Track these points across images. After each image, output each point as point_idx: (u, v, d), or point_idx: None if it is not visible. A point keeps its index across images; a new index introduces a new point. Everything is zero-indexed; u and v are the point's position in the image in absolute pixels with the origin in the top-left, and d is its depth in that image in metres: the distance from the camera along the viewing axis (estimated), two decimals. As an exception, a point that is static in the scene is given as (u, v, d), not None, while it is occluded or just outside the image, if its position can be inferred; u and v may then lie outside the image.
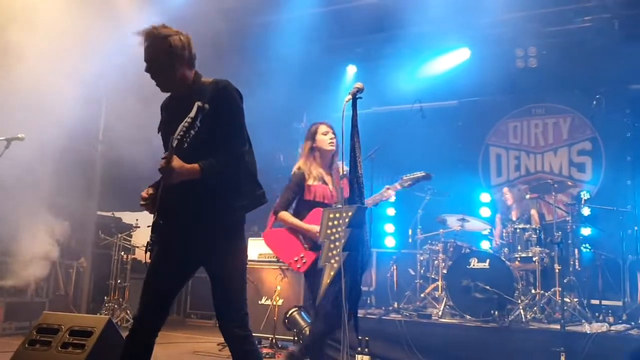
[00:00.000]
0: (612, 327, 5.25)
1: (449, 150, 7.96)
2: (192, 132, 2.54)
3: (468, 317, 5.63)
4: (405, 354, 5.32)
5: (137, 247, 8.42)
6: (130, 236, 8.18)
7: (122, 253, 7.94)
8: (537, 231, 6.04)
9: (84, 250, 7.21)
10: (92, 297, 8.00)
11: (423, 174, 4.60)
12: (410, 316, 5.86)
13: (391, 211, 8.42)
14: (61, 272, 7.28)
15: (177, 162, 2.60)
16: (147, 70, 2.82)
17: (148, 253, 2.81)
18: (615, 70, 7.01)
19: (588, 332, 4.98)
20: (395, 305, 6.37)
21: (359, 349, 5.43)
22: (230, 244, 2.81)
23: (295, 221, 4.04)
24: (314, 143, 4.21)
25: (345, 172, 3.73)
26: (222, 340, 6.54)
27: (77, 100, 6.51)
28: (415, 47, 7.98)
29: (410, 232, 7.08)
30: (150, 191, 2.85)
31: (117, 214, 8.48)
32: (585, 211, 6.46)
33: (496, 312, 5.46)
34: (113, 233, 7.97)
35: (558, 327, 4.90)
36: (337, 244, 3.25)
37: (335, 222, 3.31)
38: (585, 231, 6.44)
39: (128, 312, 7.57)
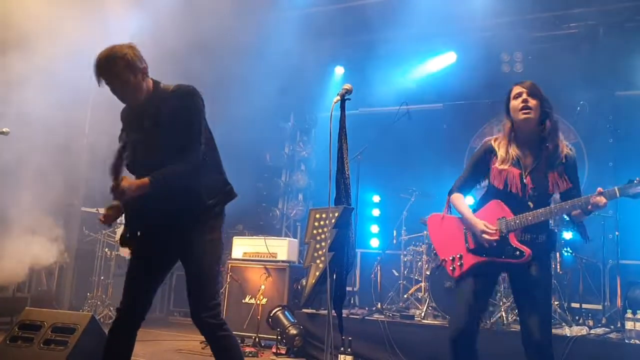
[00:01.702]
0: (592, 331, 5.32)
1: (434, 152, 8.02)
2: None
3: (449, 317, 5.68)
4: (388, 354, 5.37)
5: (122, 244, 8.38)
6: (115, 233, 8.13)
7: (106, 249, 7.90)
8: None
9: (67, 247, 7.16)
10: (75, 294, 7.94)
11: None
12: (393, 317, 5.90)
13: (376, 212, 8.47)
14: (44, 268, 7.23)
15: (125, 181, 2.75)
16: (113, 91, 2.94)
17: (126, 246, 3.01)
18: (599, 77, 7.12)
19: (568, 335, 5.04)
20: (379, 305, 6.41)
21: (342, 348, 5.47)
22: (202, 238, 2.93)
23: (465, 209, 3.26)
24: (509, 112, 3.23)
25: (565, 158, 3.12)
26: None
27: (63, 94, 6.47)
28: (402, 50, 8.03)
29: (394, 233, 7.13)
30: (109, 212, 2.98)
31: (102, 211, 8.43)
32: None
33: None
34: (97, 229, 7.92)
35: (538, 329, 4.96)
36: (322, 244, 3.27)
37: (322, 223, 3.34)
38: (567, 235, 6.51)
39: (111, 308, 7.53)
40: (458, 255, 3.21)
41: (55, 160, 6.79)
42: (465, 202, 3.30)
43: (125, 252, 8.88)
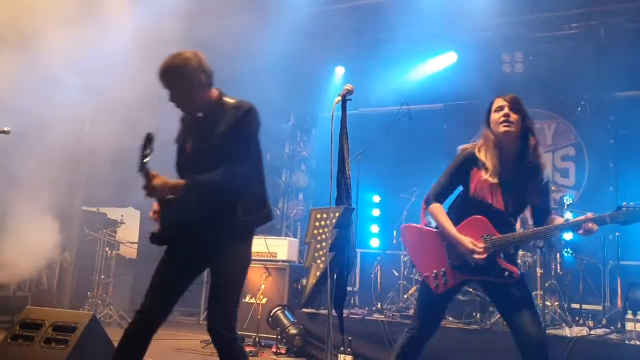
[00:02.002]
0: (592, 331, 5.32)
1: (434, 152, 7.99)
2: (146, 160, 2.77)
3: (450, 319, 5.68)
4: (387, 354, 5.34)
5: (122, 243, 8.39)
6: (115, 232, 8.15)
7: (107, 249, 7.91)
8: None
9: (68, 246, 7.16)
10: (76, 293, 7.95)
11: None
12: (393, 317, 5.90)
13: (376, 212, 8.46)
14: (45, 266, 7.24)
15: (158, 180, 2.81)
16: (170, 99, 2.99)
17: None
18: (600, 77, 7.11)
19: (568, 335, 5.04)
20: (379, 305, 6.41)
21: (342, 348, 5.47)
22: (232, 253, 2.95)
23: (447, 222, 3.12)
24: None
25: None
26: (205, 337, 6.56)
27: (64, 93, 6.47)
28: (403, 50, 8.03)
29: (394, 233, 7.12)
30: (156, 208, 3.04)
31: (102, 210, 8.44)
32: (568, 216, 6.54)
33: (478, 315, 5.53)
34: (98, 229, 7.93)
35: (538, 330, 4.96)
36: (323, 244, 3.28)
37: (322, 223, 3.34)
38: (567, 236, 6.50)
39: (111, 308, 7.54)
40: (441, 272, 3.11)
41: (56, 159, 6.80)
42: (445, 214, 3.17)
43: (126, 252, 8.91)
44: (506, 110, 3.06)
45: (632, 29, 7.09)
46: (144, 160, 2.77)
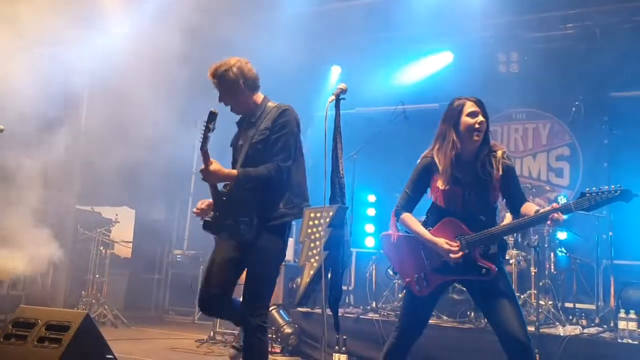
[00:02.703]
0: (585, 330, 5.35)
1: (430, 152, 8.03)
2: (209, 135, 3.14)
3: (445, 317, 5.70)
4: (382, 353, 5.37)
5: (116, 242, 8.37)
6: (109, 231, 8.13)
7: (101, 248, 7.89)
8: (514, 234, 6.12)
9: (62, 245, 7.14)
10: (70, 292, 7.93)
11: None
12: (388, 316, 5.91)
13: (372, 212, 8.47)
14: (38, 265, 7.21)
15: (214, 165, 3.18)
16: (220, 100, 3.44)
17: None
18: (595, 78, 7.13)
19: (562, 334, 5.06)
20: (374, 304, 6.42)
21: (337, 347, 5.48)
22: (269, 244, 3.25)
23: (419, 228, 3.19)
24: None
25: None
26: (200, 337, 6.56)
27: (58, 92, 6.45)
28: (399, 50, 8.04)
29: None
30: (204, 205, 3.38)
31: (97, 209, 8.43)
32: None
33: (472, 314, 5.54)
34: (92, 228, 7.91)
35: (532, 329, 4.97)
36: (317, 243, 3.27)
37: (316, 222, 3.33)
38: (562, 235, 6.53)
39: (106, 307, 7.53)
40: (422, 275, 3.14)
41: (50, 158, 6.78)
42: (417, 221, 3.23)
43: (120, 251, 8.90)
44: (480, 117, 3.09)
45: (628, 30, 7.11)
46: (206, 138, 3.10)
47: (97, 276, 7.74)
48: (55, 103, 6.33)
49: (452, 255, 3.03)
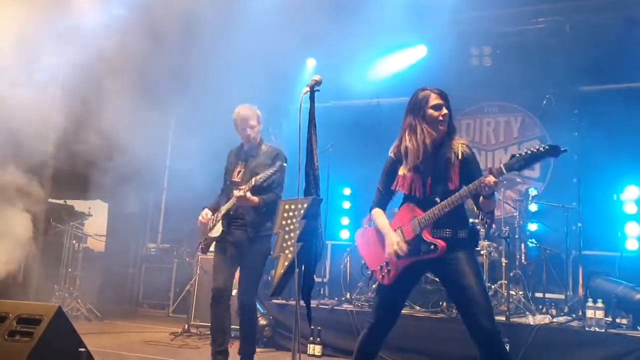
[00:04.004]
0: (555, 319, 5.48)
1: (404, 145, 8.08)
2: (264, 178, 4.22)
3: (418, 307, 5.78)
4: (356, 343, 5.43)
5: (90, 235, 8.28)
6: (83, 225, 8.04)
7: (74, 241, 7.80)
8: (486, 226, 6.22)
9: (33, 238, 7.03)
10: (42, 286, 7.82)
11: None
12: (362, 306, 5.97)
13: (347, 204, 8.52)
14: (10, 259, 7.10)
15: (248, 194, 4.24)
16: (245, 131, 4.60)
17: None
18: (565, 72, 7.26)
19: (532, 323, 5.18)
20: (348, 295, 6.48)
21: (311, 338, 5.52)
22: (261, 247, 4.38)
23: (382, 224, 3.34)
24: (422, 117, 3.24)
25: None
26: (174, 329, 6.54)
27: (32, 83, 6.34)
28: (373, 43, 8.06)
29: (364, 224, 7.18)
30: (209, 215, 4.50)
31: (69, 202, 8.32)
32: (533, 207, 6.70)
33: (444, 303, 5.63)
34: (65, 221, 7.81)
35: (503, 318, 5.08)
36: (291, 234, 3.29)
37: (291, 213, 3.35)
38: (532, 226, 6.66)
39: (79, 301, 7.45)
40: (384, 263, 3.26)
41: (22, 151, 6.66)
42: (383, 216, 3.37)
43: (94, 245, 8.80)
44: (444, 110, 3.20)
45: (597, 25, 7.25)
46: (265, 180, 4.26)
47: (70, 270, 7.66)
48: (27, 93, 6.21)
49: (395, 250, 3.17)
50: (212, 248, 4.63)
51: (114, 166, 7.28)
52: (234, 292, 4.60)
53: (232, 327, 5.38)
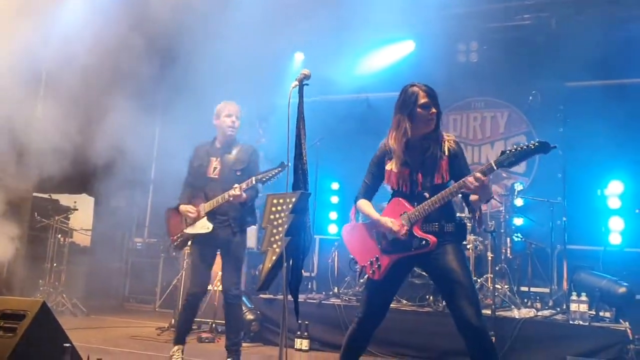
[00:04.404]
0: (539, 313, 5.54)
1: (392, 140, 8.09)
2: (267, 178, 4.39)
3: (404, 301, 5.81)
4: (343, 337, 5.44)
5: (75, 229, 8.22)
6: (68, 219, 7.98)
7: (59, 236, 7.73)
8: (472, 220, 6.27)
9: (18, 232, 6.96)
10: (27, 281, 7.76)
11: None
12: (350, 301, 5.99)
13: (335, 199, 8.53)
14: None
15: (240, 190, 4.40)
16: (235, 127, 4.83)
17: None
18: (551, 67, 7.31)
19: (517, 317, 5.23)
20: (336, 290, 6.50)
21: (299, 332, 5.53)
22: (241, 241, 4.62)
23: (371, 212, 3.36)
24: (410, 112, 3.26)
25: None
26: (161, 324, 6.52)
27: (14, 75, 6.26)
28: (362, 38, 8.06)
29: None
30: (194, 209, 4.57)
31: (55, 196, 8.25)
32: (518, 202, 6.76)
33: (431, 297, 5.66)
34: (50, 215, 7.74)
35: (489, 312, 5.12)
36: (279, 229, 3.29)
37: (279, 208, 3.34)
38: (518, 221, 6.72)
39: (64, 296, 7.40)
40: (375, 258, 3.28)
41: (6, 145, 6.59)
42: (370, 206, 3.39)
43: (79, 240, 8.74)
44: (433, 109, 3.22)
45: (582, 21, 7.30)
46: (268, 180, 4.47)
47: (55, 265, 7.60)
48: (9, 85, 6.13)
49: (394, 229, 3.18)
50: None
51: (100, 160, 7.23)
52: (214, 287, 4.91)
53: (217, 321, 5.40)
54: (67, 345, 3.57)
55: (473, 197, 3.17)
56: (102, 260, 8.95)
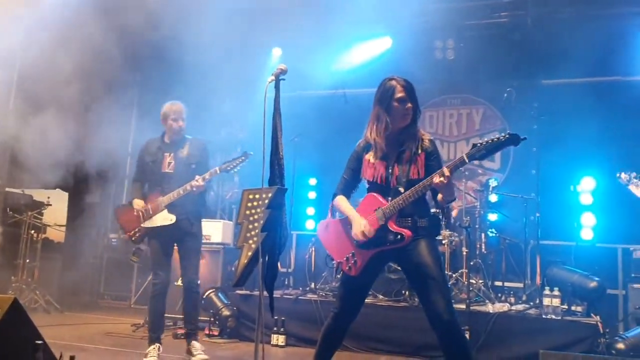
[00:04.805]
0: (513, 307, 5.61)
1: (369, 136, 8.12)
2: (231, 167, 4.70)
3: (380, 296, 5.85)
4: (320, 333, 5.46)
5: (49, 225, 8.10)
6: (42, 214, 7.85)
7: (32, 231, 7.61)
8: (451, 218, 6.34)
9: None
10: (-2, 277, 7.64)
11: None
12: (326, 296, 6.00)
13: (312, 195, 8.54)
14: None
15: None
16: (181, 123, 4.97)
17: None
18: (526, 65, 7.40)
19: (491, 311, 5.30)
20: (312, 285, 6.51)
21: (275, 328, 5.54)
22: (198, 232, 4.85)
23: (347, 209, 3.37)
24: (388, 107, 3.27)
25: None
26: (136, 321, 6.47)
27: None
28: (339, 34, 8.06)
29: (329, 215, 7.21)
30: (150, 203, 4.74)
31: (28, 191, 8.11)
32: (493, 198, 6.84)
33: (407, 292, 5.71)
34: (22, 211, 7.62)
35: (463, 307, 5.18)
36: (255, 224, 3.28)
37: (255, 203, 3.33)
38: (492, 217, 6.80)
39: (37, 292, 7.29)
40: (351, 254, 3.29)
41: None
42: (347, 202, 3.41)
43: (53, 235, 8.61)
44: (408, 104, 3.25)
45: (558, 20, 7.40)
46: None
47: (28, 261, 7.48)
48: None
49: (362, 232, 3.21)
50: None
51: (74, 154, 7.13)
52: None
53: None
54: (40, 342, 3.52)
55: (439, 196, 3.20)
56: (77, 256, 8.84)
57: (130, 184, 4.94)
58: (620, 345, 4.76)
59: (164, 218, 4.67)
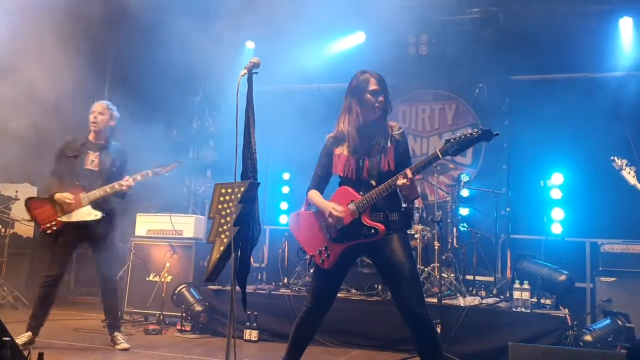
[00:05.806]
0: (484, 300, 5.67)
1: (342, 130, 8.12)
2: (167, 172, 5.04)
3: (353, 291, 5.86)
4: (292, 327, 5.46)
5: (17, 220, 7.92)
6: (9, 209, 7.68)
7: (0, 227, 7.44)
8: (420, 210, 6.38)
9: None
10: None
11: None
12: (299, 291, 6.00)
13: (286, 189, 8.52)
14: None
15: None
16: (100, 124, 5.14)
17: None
18: (498, 61, 7.47)
19: (462, 305, 5.36)
20: (285, 280, 6.50)
21: (248, 323, 5.52)
22: (113, 228, 4.99)
23: (319, 201, 3.39)
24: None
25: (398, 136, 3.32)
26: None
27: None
28: (314, 29, 8.04)
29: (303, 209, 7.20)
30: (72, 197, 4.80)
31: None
32: (465, 192, 6.90)
33: (380, 287, 5.73)
34: (-12, 205, 7.45)
35: (435, 300, 5.22)
36: (227, 219, 3.25)
37: (227, 197, 3.31)
38: (464, 211, 6.86)
39: (5, 288, 7.14)
40: (324, 247, 3.30)
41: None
42: (320, 196, 3.42)
43: (22, 230, 8.43)
44: (381, 97, 3.28)
45: (529, 16, 7.49)
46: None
47: (-6, 256, 7.32)
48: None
49: (335, 214, 3.21)
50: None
51: (43, 146, 6.98)
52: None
53: (165, 313, 5.30)
54: (7, 339, 3.45)
55: (402, 194, 3.24)
56: (46, 251, 8.66)
57: (52, 177, 4.88)
58: (588, 337, 4.87)
59: (88, 213, 4.78)
